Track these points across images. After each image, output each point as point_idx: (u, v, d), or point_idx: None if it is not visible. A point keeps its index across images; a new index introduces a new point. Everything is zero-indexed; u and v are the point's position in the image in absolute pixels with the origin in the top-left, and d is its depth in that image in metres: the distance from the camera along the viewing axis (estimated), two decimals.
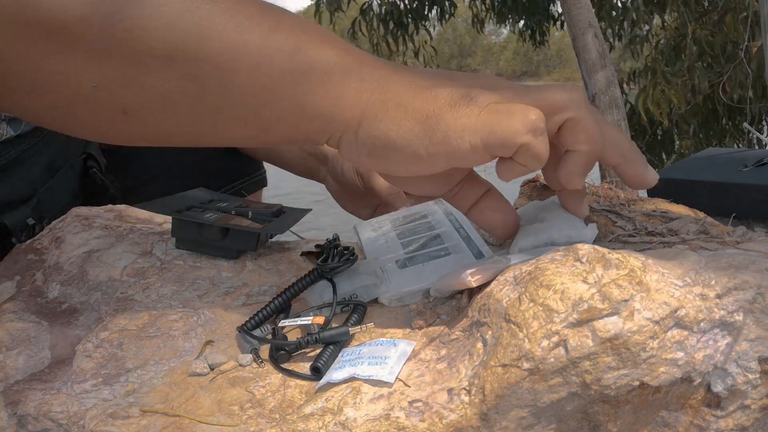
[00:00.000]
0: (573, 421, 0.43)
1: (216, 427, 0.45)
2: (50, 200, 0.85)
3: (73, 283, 0.62)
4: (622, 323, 0.41)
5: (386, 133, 0.47)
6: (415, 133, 0.46)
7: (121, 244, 0.67)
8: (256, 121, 0.49)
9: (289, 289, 0.58)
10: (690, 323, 0.43)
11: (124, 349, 0.53)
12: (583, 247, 0.46)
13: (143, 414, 0.47)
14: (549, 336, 0.42)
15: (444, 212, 0.71)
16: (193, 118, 0.48)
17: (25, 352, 0.54)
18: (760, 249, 0.51)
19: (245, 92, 0.47)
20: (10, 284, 0.63)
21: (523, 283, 0.46)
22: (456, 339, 0.48)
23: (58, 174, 0.86)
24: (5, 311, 0.58)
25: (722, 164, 1.71)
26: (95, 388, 0.49)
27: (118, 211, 0.74)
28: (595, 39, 3.05)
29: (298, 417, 0.44)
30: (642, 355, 0.41)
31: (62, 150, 0.87)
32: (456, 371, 0.45)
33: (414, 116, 0.46)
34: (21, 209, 0.82)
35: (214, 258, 0.66)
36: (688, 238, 0.59)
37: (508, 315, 0.44)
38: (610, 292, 0.42)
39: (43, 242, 0.68)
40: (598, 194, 0.72)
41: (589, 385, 0.41)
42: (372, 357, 0.47)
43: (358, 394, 0.45)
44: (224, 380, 0.50)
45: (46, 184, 0.85)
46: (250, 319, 0.55)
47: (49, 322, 0.57)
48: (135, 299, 0.59)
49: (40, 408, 0.47)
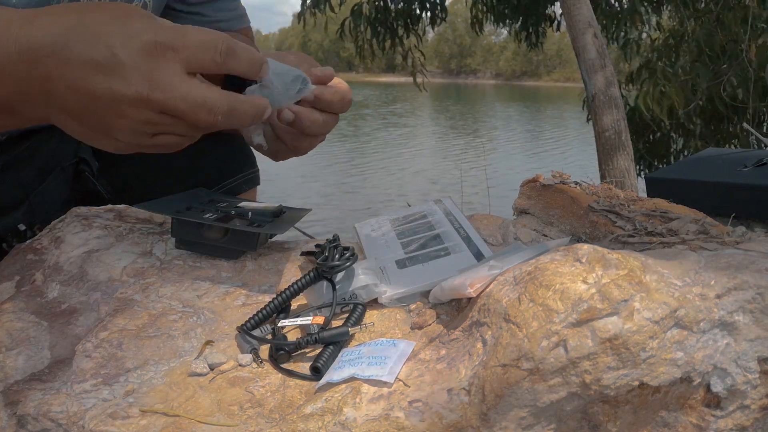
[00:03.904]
0: (573, 421, 0.43)
1: (216, 427, 0.45)
2: (42, 205, 0.84)
3: (73, 283, 0.62)
4: (622, 323, 0.41)
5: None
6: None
7: (121, 244, 0.67)
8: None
9: (289, 289, 0.58)
10: (690, 323, 0.43)
11: (124, 349, 0.53)
12: (582, 247, 0.46)
13: (143, 414, 0.47)
14: (549, 336, 0.42)
15: (444, 212, 0.71)
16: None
17: (24, 352, 0.54)
18: (760, 249, 0.51)
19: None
20: (10, 284, 0.63)
21: (522, 283, 0.46)
22: (456, 339, 0.48)
23: (50, 178, 0.86)
24: (5, 311, 0.58)
25: (722, 164, 1.71)
26: (95, 388, 0.49)
27: (117, 211, 0.74)
28: (595, 39, 3.05)
29: (298, 417, 0.44)
30: (642, 355, 0.41)
31: (54, 154, 0.86)
32: (456, 371, 0.45)
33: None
34: (12, 215, 0.82)
35: (214, 258, 0.66)
36: (688, 238, 0.59)
37: (507, 315, 0.44)
38: (609, 292, 0.42)
39: (43, 242, 0.68)
40: (598, 194, 0.72)
41: (589, 385, 0.41)
42: (372, 357, 0.48)
43: (358, 394, 0.45)
44: (224, 380, 0.50)
45: (37, 188, 0.85)
46: (249, 319, 0.55)
47: (49, 322, 0.57)
48: (134, 299, 0.59)
49: (39, 408, 0.47)
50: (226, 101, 0.55)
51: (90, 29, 0.52)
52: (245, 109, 0.58)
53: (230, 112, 0.56)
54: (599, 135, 3.09)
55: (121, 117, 0.54)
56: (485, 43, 57.15)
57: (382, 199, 6.88)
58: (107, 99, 0.52)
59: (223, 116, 0.56)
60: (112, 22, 0.53)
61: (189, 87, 0.53)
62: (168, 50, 0.52)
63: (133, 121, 0.54)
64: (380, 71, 60.27)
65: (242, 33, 1.01)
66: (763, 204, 1.49)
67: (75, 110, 0.54)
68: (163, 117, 0.54)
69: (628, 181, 3.03)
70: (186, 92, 0.53)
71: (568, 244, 0.49)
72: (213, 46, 0.54)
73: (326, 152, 9.60)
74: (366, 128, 14.69)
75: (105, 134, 0.56)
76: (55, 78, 0.52)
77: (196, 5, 0.96)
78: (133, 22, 0.53)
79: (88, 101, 0.53)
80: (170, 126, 0.56)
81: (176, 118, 0.55)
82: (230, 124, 0.57)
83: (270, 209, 0.70)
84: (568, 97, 27.96)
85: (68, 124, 0.56)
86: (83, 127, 0.56)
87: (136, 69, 0.52)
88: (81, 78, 0.52)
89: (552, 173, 0.78)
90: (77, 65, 0.52)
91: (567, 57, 59.92)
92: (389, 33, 5.33)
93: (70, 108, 0.54)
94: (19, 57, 0.52)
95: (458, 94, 40.45)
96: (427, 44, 56.75)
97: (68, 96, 0.53)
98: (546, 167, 7.80)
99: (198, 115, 0.54)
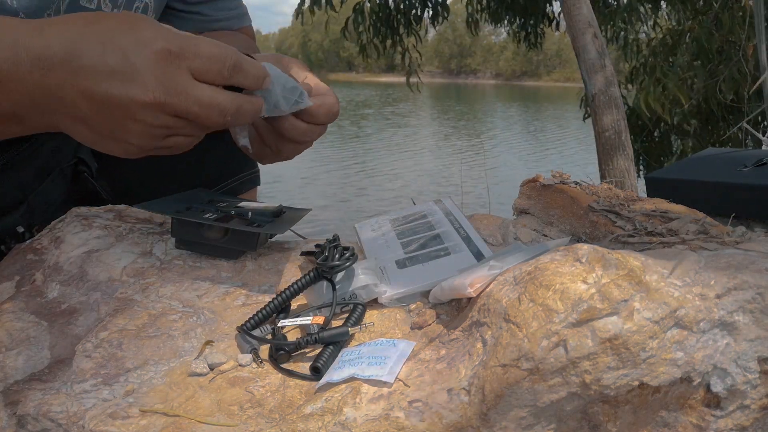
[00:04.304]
0: (573, 421, 0.43)
1: (216, 427, 0.45)
2: (40, 206, 0.84)
3: (73, 283, 0.62)
4: (622, 323, 0.41)
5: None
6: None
7: (121, 244, 0.67)
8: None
9: (289, 289, 0.58)
10: (689, 323, 0.43)
11: (124, 349, 0.53)
12: (582, 247, 0.46)
13: (143, 414, 0.47)
14: (549, 336, 0.42)
15: (444, 212, 0.71)
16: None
17: (24, 352, 0.54)
18: (760, 249, 0.51)
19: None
20: (10, 284, 0.63)
21: (522, 283, 0.46)
22: (456, 339, 0.48)
23: (49, 179, 0.86)
24: (5, 311, 0.58)
25: (722, 164, 1.71)
26: (95, 388, 0.49)
27: (117, 211, 0.74)
28: (595, 39, 3.05)
29: (298, 417, 0.44)
30: (642, 355, 0.41)
31: (53, 154, 0.86)
32: (456, 371, 0.45)
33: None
34: (11, 216, 0.82)
35: (214, 258, 0.66)
36: (688, 238, 0.59)
37: (507, 315, 0.44)
38: (609, 292, 0.42)
39: (43, 242, 0.68)
40: (598, 194, 0.72)
41: (589, 385, 0.41)
42: (372, 357, 0.48)
43: (357, 394, 0.45)
44: (224, 380, 0.50)
45: (36, 189, 0.84)
46: (249, 319, 0.55)
47: (49, 322, 0.57)
48: (134, 299, 0.59)
49: (39, 408, 0.47)
50: (234, 102, 0.58)
51: (100, 37, 0.54)
52: (248, 108, 0.60)
53: (237, 111, 0.59)
54: (599, 135, 3.09)
55: (136, 121, 0.55)
56: (485, 43, 57.20)
57: (382, 200, 6.88)
58: (123, 104, 0.54)
59: (231, 116, 0.58)
60: (121, 30, 0.55)
61: (201, 91, 0.56)
62: (179, 58, 0.55)
63: (148, 126, 0.56)
64: (380, 71, 60.29)
65: (243, 32, 1.01)
66: (763, 204, 1.49)
67: (86, 116, 0.56)
68: (176, 120, 0.57)
69: (628, 181, 3.03)
70: (199, 96, 0.56)
71: (568, 244, 0.49)
72: (222, 60, 0.57)
73: (326, 154, 9.60)
74: (369, 129, 14.71)
75: (115, 138, 0.58)
76: (68, 85, 0.54)
77: (196, 4, 0.95)
78: (143, 30, 0.55)
79: (102, 107, 0.55)
80: (182, 128, 0.58)
81: (189, 120, 0.57)
82: (236, 122, 0.60)
83: (270, 209, 0.70)
84: (568, 97, 27.98)
85: (77, 130, 0.58)
86: (93, 133, 0.58)
87: (151, 74, 0.54)
88: (96, 84, 0.54)
89: (552, 173, 0.78)
90: (91, 72, 0.53)
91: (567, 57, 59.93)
92: (390, 32, 5.33)
93: (81, 114, 0.56)
94: (31, 65, 0.53)
95: (458, 94, 40.48)
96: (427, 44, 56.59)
97: (81, 102, 0.55)
98: (546, 167, 7.81)
99: (210, 116, 0.57)
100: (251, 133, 0.73)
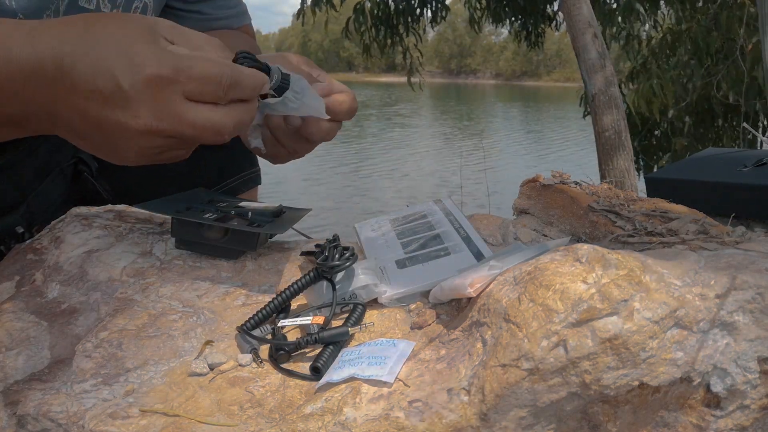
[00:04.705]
0: (573, 421, 0.43)
1: (216, 427, 0.45)
2: (40, 206, 0.84)
3: (73, 283, 0.62)
4: (622, 323, 0.41)
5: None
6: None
7: (121, 244, 0.67)
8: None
9: (289, 289, 0.58)
10: (689, 323, 0.43)
11: (124, 349, 0.53)
12: (582, 247, 0.46)
13: (143, 414, 0.47)
14: (548, 336, 0.42)
15: (444, 212, 0.71)
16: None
17: (24, 352, 0.54)
18: (760, 249, 0.51)
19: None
20: (10, 284, 0.63)
21: (522, 283, 0.46)
22: (456, 339, 0.48)
23: (48, 178, 0.86)
24: (5, 311, 0.58)
25: (722, 164, 1.71)
26: (95, 388, 0.49)
27: (117, 211, 0.74)
28: (595, 39, 3.05)
29: (298, 417, 0.44)
30: (641, 355, 0.41)
31: (53, 154, 0.86)
32: (456, 371, 0.45)
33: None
34: (11, 216, 0.82)
35: (214, 258, 0.66)
36: (688, 238, 0.59)
37: (507, 315, 0.44)
38: (609, 292, 0.42)
39: (43, 242, 0.68)
40: (598, 194, 0.72)
41: (589, 385, 0.41)
42: (372, 357, 0.48)
43: (357, 394, 0.45)
44: (224, 380, 0.50)
45: (36, 189, 0.84)
46: (249, 319, 0.55)
47: (49, 322, 0.57)
48: (134, 299, 0.59)
49: (39, 408, 0.47)
50: (232, 121, 0.56)
51: (92, 56, 0.52)
52: (247, 120, 0.59)
53: (236, 128, 0.57)
54: (599, 135, 3.09)
55: (129, 143, 0.55)
56: (485, 43, 57.17)
57: (383, 201, 6.88)
58: (115, 129, 0.53)
59: (230, 135, 0.57)
60: (116, 45, 0.53)
61: (195, 114, 0.54)
62: (172, 82, 0.53)
63: (143, 147, 0.55)
64: (380, 71, 60.27)
65: (243, 30, 1.01)
66: (763, 204, 1.49)
67: (81, 132, 0.55)
68: (170, 141, 0.55)
69: (628, 181, 3.04)
70: (193, 119, 0.54)
71: (568, 244, 0.49)
72: (217, 81, 0.55)
73: (332, 153, 9.61)
74: (372, 129, 14.72)
75: (112, 152, 0.57)
76: (61, 102, 0.53)
77: (196, 3, 0.95)
78: (137, 49, 0.52)
79: (97, 127, 0.54)
80: (179, 146, 0.57)
81: (185, 140, 0.56)
82: (237, 134, 0.59)
83: (270, 209, 0.70)
84: (568, 97, 27.98)
85: (75, 141, 0.57)
86: (90, 146, 0.57)
87: (141, 102, 0.52)
88: (89, 107, 0.53)
89: (552, 173, 0.78)
90: (82, 94, 0.52)
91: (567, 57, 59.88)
92: (390, 31, 5.33)
93: (76, 129, 0.55)
94: (24, 81, 0.53)
95: (458, 94, 40.46)
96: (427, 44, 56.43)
97: (75, 119, 0.54)
98: (546, 167, 7.81)
99: (206, 137, 0.56)
100: (264, 134, 0.73)
